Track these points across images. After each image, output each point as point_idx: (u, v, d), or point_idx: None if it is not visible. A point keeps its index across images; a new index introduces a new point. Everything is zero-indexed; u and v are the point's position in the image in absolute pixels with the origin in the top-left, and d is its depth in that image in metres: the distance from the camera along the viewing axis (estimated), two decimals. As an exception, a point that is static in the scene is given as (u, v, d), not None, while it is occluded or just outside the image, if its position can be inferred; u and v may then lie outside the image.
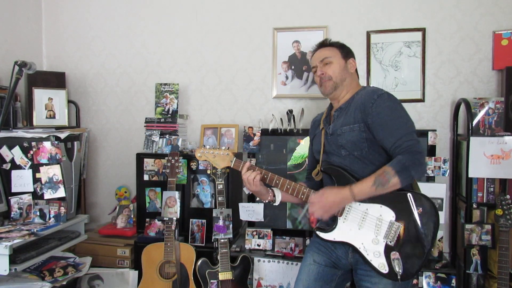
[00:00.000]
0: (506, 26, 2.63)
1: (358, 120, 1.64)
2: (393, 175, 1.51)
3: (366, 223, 1.61)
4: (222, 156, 1.80)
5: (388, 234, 1.58)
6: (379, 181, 1.53)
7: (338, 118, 1.73)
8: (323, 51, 1.78)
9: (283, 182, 1.72)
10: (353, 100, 1.71)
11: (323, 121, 1.81)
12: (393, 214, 1.59)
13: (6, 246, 1.98)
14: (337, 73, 1.73)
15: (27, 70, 1.82)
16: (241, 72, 3.08)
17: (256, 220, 2.66)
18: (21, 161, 2.44)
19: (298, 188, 1.71)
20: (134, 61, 3.27)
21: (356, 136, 1.63)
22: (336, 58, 1.75)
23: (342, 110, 1.73)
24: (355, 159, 1.65)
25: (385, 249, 1.58)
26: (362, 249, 1.61)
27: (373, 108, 1.60)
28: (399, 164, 1.52)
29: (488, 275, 2.40)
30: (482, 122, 2.46)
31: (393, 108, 1.61)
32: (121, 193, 3.18)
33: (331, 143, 1.72)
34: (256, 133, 2.77)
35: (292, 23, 2.95)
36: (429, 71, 2.77)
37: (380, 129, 1.59)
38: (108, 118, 3.35)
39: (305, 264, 1.78)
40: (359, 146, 1.63)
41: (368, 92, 1.68)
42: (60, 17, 3.39)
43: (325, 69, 1.74)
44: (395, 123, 1.58)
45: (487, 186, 2.43)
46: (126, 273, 2.70)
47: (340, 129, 1.68)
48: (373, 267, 1.59)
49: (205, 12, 3.12)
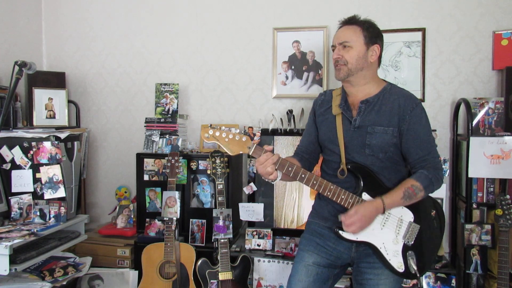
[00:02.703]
0: (506, 26, 2.63)
1: (394, 124, 1.61)
2: (421, 189, 1.59)
3: (388, 223, 1.63)
4: (238, 141, 1.57)
5: (406, 235, 1.63)
6: (408, 194, 1.59)
7: (367, 113, 1.64)
8: (346, 30, 1.65)
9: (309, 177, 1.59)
10: (384, 98, 1.65)
11: (342, 107, 1.69)
12: (412, 215, 1.65)
13: (6, 246, 1.98)
14: (354, 60, 1.62)
15: (27, 70, 1.82)
16: (241, 72, 3.08)
17: (256, 220, 2.66)
18: (21, 161, 2.44)
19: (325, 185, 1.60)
20: (134, 61, 3.27)
21: (388, 139, 1.62)
22: (357, 43, 1.62)
23: (370, 104, 1.65)
24: (377, 160, 1.64)
25: (403, 249, 1.63)
26: (383, 249, 1.62)
27: (411, 115, 1.60)
28: (427, 180, 1.60)
29: (488, 275, 2.40)
30: (482, 122, 2.46)
31: (427, 122, 1.65)
32: (121, 193, 3.18)
33: (354, 137, 1.65)
34: (256, 133, 2.77)
35: (292, 23, 2.95)
36: (429, 71, 2.77)
37: (412, 139, 1.61)
38: (108, 118, 3.35)
39: (302, 263, 1.73)
40: (386, 149, 1.62)
41: (406, 96, 1.64)
42: (60, 17, 3.39)
43: (343, 53, 1.63)
44: (427, 137, 1.63)
45: (487, 186, 2.43)
46: (126, 273, 2.70)
47: (372, 127, 1.62)
48: (391, 267, 1.62)
49: (205, 12, 3.12)
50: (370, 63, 1.65)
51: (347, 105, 1.70)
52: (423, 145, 1.62)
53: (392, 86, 1.70)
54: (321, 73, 2.91)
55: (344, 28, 1.67)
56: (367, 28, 1.64)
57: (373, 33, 1.65)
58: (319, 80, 2.92)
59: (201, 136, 1.58)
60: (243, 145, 1.57)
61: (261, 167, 1.56)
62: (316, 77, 2.92)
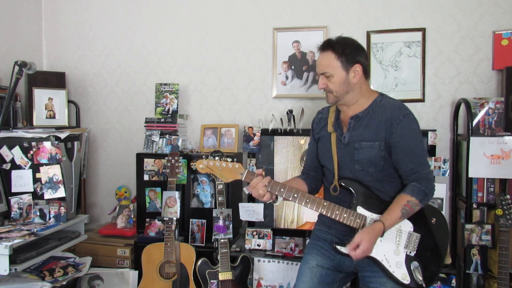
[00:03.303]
0: (506, 26, 2.63)
1: (379, 138, 1.60)
2: (417, 204, 1.58)
3: (386, 235, 1.60)
4: (230, 168, 1.64)
5: (408, 245, 1.61)
6: (405, 211, 1.57)
7: (356, 128, 1.65)
8: (323, 59, 1.65)
9: (301, 198, 1.61)
10: (373, 111, 1.65)
11: (333, 126, 1.72)
12: (411, 225, 1.63)
13: (6, 246, 1.98)
14: (337, 87, 1.64)
15: (27, 70, 1.82)
16: (241, 72, 3.08)
17: (256, 220, 2.66)
18: (21, 161, 2.44)
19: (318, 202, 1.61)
20: (134, 61, 3.27)
21: (375, 154, 1.61)
22: (336, 71, 1.62)
23: (359, 119, 1.66)
24: (368, 175, 1.63)
25: (406, 259, 1.60)
26: (384, 261, 1.60)
27: (398, 128, 1.59)
28: (421, 193, 1.58)
29: (488, 275, 2.40)
30: (482, 122, 2.46)
31: (416, 133, 1.64)
32: (121, 193, 3.17)
33: (344, 154, 1.67)
34: (256, 133, 2.77)
35: (292, 23, 2.95)
36: (429, 71, 2.77)
37: (401, 151, 1.60)
38: (108, 118, 3.35)
39: (307, 266, 1.75)
40: (375, 163, 1.62)
41: (393, 108, 1.63)
42: (60, 17, 3.39)
43: (326, 82, 1.65)
44: (416, 149, 1.62)
45: (487, 186, 2.43)
46: (126, 273, 2.70)
47: (359, 143, 1.63)
48: (395, 279, 1.59)
49: (205, 12, 3.12)
50: (353, 84, 1.64)
51: (338, 122, 1.73)
52: (413, 157, 1.60)
53: (382, 98, 1.69)
54: (321, 73, 2.91)
55: (321, 55, 1.66)
56: (342, 52, 1.61)
57: (350, 54, 1.62)
58: (319, 80, 2.92)
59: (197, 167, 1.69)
60: (236, 172, 1.63)
61: (253, 190, 1.61)
62: (316, 77, 2.92)
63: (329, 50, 1.63)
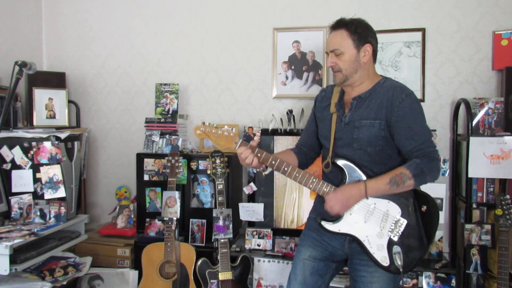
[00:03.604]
0: (506, 26, 2.63)
1: (381, 117, 1.60)
2: (409, 177, 1.54)
3: (372, 217, 1.61)
4: (226, 136, 1.66)
5: (393, 229, 1.61)
6: (394, 180, 1.55)
7: (357, 108, 1.65)
8: (335, 37, 1.66)
9: (291, 171, 1.64)
10: (375, 92, 1.64)
11: (336, 106, 1.72)
12: (399, 210, 1.61)
13: (6, 246, 1.98)
14: (347, 65, 1.63)
15: (27, 70, 1.82)
16: (241, 72, 3.08)
17: (256, 220, 2.66)
18: (21, 161, 2.44)
19: (307, 177, 1.64)
20: (134, 61, 3.27)
21: (375, 132, 1.60)
22: (347, 49, 1.63)
23: (361, 99, 1.65)
24: (366, 155, 1.63)
25: (388, 243, 1.61)
26: (366, 242, 1.61)
27: (400, 107, 1.57)
28: (418, 168, 1.55)
29: (488, 275, 2.40)
30: (482, 122, 2.47)
31: (419, 112, 1.61)
32: (121, 193, 3.18)
33: (344, 133, 1.66)
34: (256, 133, 2.77)
35: (292, 23, 2.95)
36: (429, 71, 2.77)
37: (403, 131, 1.58)
38: (108, 118, 3.35)
39: (299, 258, 1.77)
40: (375, 143, 1.61)
41: (395, 88, 1.62)
42: (60, 17, 3.39)
43: (335, 60, 1.65)
44: (419, 127, 1.59)
45: (487, 186, 2.43)
46: (126, 273, 2.70)
47: (359, 122, 1.62)
48: (374, 260, 1.61)
49: (205, 12, 3.12)
50: (363, 63, 1.66)
51: (341, 104, 1.72)
52: (416, 136, 1.58)
53: (386, 80, 1.69)
54: (321, 73, 2.91)
55: (333, 34, 1.68)
56: (355, 30, 1.64)
57: (362, 33, 1.65)
58: (319, 80, 2.92)
59: (194, 132, 1.72)
60: (231, 140, 1.66)
61: (242, 162, 1.65)
62: (316, 77, 2.93)
63: (342, 28, 1.65)
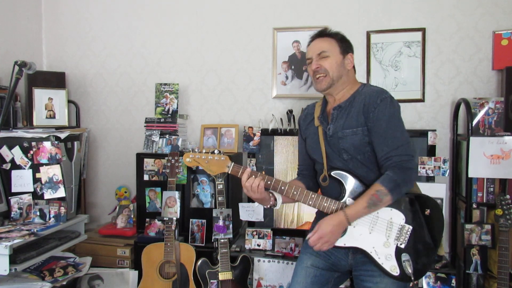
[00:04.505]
0: (506, 26, 2.63)
1: (361, 123, 1.59)
2: (386, 193, 1.52)
3: (376, 227, 1.59)
4: (217, 161, 1.62)
5: (399, 237, 1.58)
6: (372, 202, 1.53)
7: (339, 119, 1.65)
8: (321, 42, 1.68)
9: (289, 189, 1.61)
10: (355, 100, 1.64)
11: (319, 119, 1.72)
12: (403, 216, 1.59)
13: (6, 246, 1.98)
14: (334, 68, 1.64)
15: (27, 70, 1.82)
16: (241, 72, 3.08)
17: (256, 220, 2.66)
18: (21, 161, 2.44)
19: (306, 194, 1.62)
20: (134, 61, 3.27)
21: (359, 140, 1.59)
22: (333, 53, 1.65)
23: (342, 109, 1.65)
24: (358, 163, 1.62)
25: (396, 251, 1.58)
26: (374, 253, 1.59)
27: (374, 112, 1.57)
28: (392, 183, 1.52)
29: (488, 275, 2.40)
30: (482, 122, 2.46)
31: (393, 116, 1.58)
32: (121, 193, 3.18)
33: (331, 145, 1.66)
34: (256, 133, 2.77)
35: (292, 23, 2.95)
36: (429, 71, 2.77)
37: (376, 136, 1.57)
38: (108, 118, 3.35)
39: (301, 266, 1.75)
40: (362, 150, 1.60)
41: (372, 93, 1.61)
42: (60, 17, 3.39)
43: (321, 62, 1.65)
44: (391, 132, 1.56)
45: (487, 186, 2.43)
46: (126, 273, 2.70)
47: (342, 132, 1.62)
48: (384, 270, 1.57)
49: (205, 12, 3.12)
50: (347, 70, 1.69)
51: (324, 116, 1.72)
52: (388, 142, 1.55)
53: (365, 87, 1.69)
54: (321, 73, 2.91)
55: (317, 40, 1.70)
56: (340, 39, 1.70)
57: (346, 43, 1.71)
58: (319, 80, 2.92)
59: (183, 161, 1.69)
60: (222, 165, 1.63)
61: (253, 194, 1.61)
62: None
63: (328, 36, 1.70)
